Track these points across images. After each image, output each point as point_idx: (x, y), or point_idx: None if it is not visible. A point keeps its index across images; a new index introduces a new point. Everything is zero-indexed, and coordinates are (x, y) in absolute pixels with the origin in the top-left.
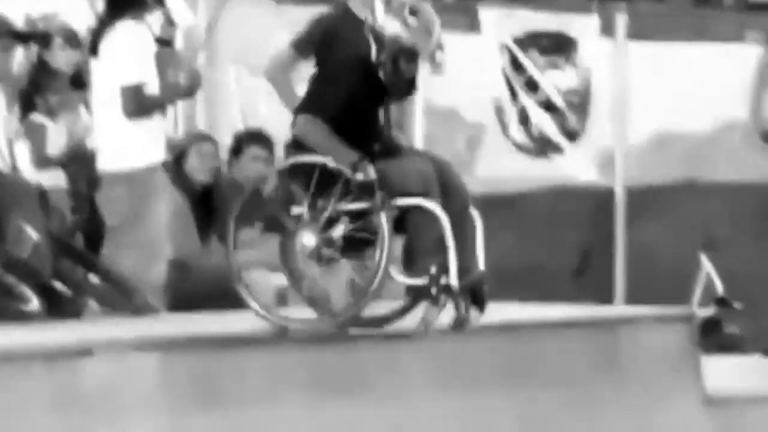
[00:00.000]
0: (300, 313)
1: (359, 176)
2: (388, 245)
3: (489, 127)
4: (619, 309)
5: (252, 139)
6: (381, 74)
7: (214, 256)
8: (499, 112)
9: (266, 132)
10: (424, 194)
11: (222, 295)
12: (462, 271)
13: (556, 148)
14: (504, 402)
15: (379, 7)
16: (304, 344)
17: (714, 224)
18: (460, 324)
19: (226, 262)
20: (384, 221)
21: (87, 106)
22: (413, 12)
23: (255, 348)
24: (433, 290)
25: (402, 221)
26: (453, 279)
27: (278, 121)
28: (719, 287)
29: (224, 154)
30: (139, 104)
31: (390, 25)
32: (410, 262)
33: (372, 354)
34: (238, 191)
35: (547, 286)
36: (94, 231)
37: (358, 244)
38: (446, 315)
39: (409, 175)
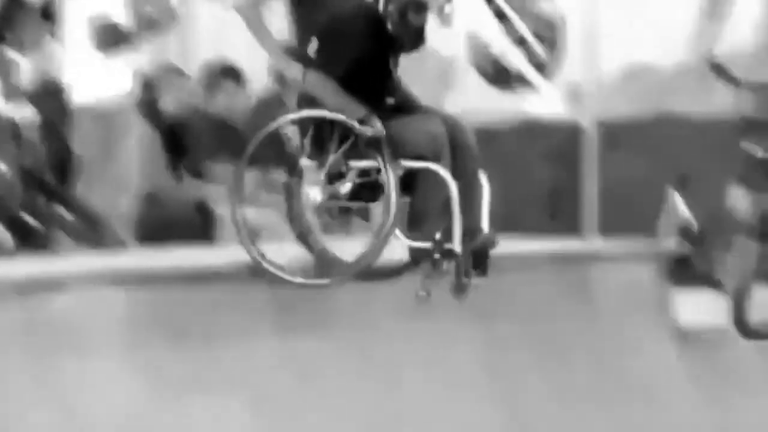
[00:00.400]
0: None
1: (367, 131)
2: (395, 203)
3: (459, 61)
4: (589, 244)
5: (224, 73)
6: (389, 26)
7: (184, 190)
8: (470, 46)
9: (238, 66)
10: (434, 156)
11: (191, 229)
12: (467, 234)
13: (526, 82)
14: (471, 335)
15: None
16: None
17: (685, 158)
18: (459, 289)
19: (231, 213)
20: (391, 178)
21: (58, 39)
22: None
23: (224, 282)
24: (436, 255)
25: (410, 182)
26: (456, 245)
27: (250, 55)
28: (691, 222)
29: (196, 88)
30: (111, 38)
31: None
32: (415, 225)
33: (342, 289)
34: (208, 124)
35: (517, 221)
36: (64, 164)
37: (365, 200)
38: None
39: (421, 136)
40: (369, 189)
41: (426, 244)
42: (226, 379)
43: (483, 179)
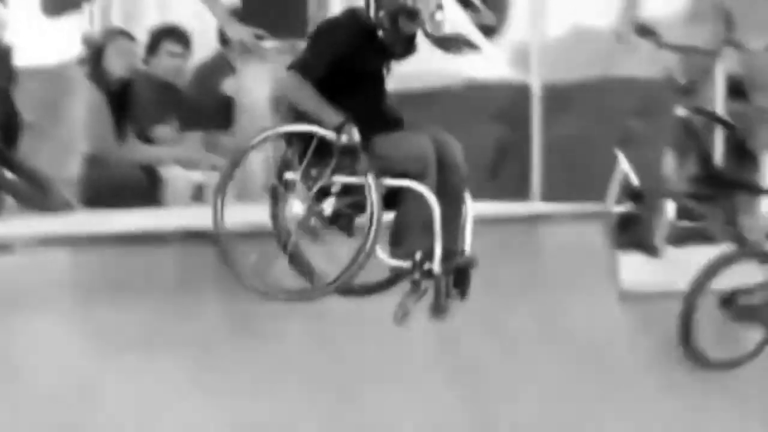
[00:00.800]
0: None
1: (343, 138)
2: (377, 220)
3: None
4: (535, 206)
5: (168, 34)
6: (380, 33)
7: (130, 153)
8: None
9: (182, 28)
10: (419, 174)
11: (137, 191)
12: (448, 255)
13: (472, 44)
14: None
15: None
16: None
17: (632, 120)
18: (438, 310)
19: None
20: (374, 194)
21: (3, 2)
22: None
23: (169, 244)
24: (416, 275)
25: (394, 197)
26: (436, 266)
27: (194, 17)
28: (635, 183)
29: (142, 51)
30: (58, 1)
31: None
32: (397, 242)
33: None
34: (153, 87)
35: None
36: (10, 127)
37: (348, 217)
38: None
39: (407, 153)
40: (354, 203)
41: (406, 264)
42: (171, 339)
43: (468, 199)
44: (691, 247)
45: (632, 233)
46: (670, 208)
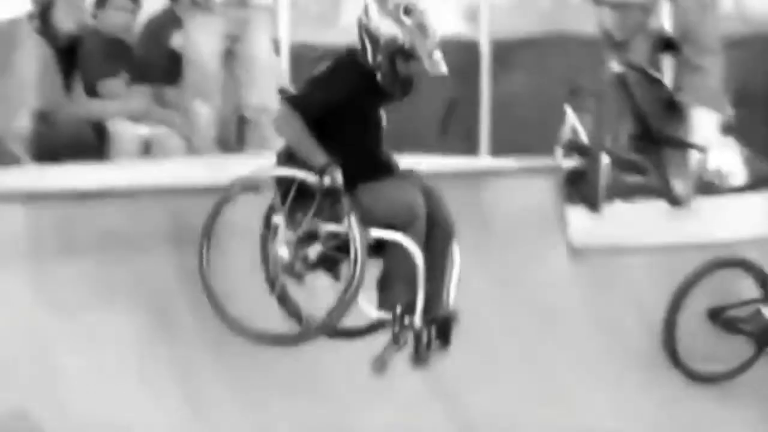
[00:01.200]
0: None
1: (326, 180)
2: (361, 269)
3: None
4: (485, 161)
5: None
6: (378, 76)
7: (77, 107)
8: None
9: None
10: (407, 226)
11: (85, 146)
12: (431, 307)
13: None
14: None
15: (374, 7)
16: (164, 196)
17: (579, 76)
18: (419, 361)
19: (202, 280)
20: (358, 242)
21: None
22: (408, 11)
23: (117, 198)
24: (396, 329)
25: (381, 246)
26: (417, 320)
27: None
28: (584, 139)
29: (89, 5)
30: None
31: (385, 25)
32: (382, 291)
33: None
34: (102, 42)
35: (413, 138)
36: None
37: (333, 261)
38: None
39: (395, 205)
40: (339, 246)
41: (387, 316)
42: (122, 294)
43: (456, 252)
44: (637, 203)
45: (579, 188)
46: (607, 163)
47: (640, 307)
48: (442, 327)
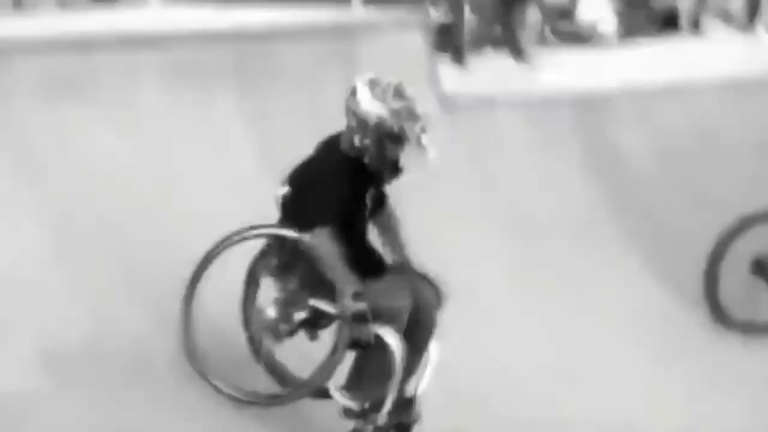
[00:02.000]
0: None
1: (358, 306)
2: (340, 355)
3: None
4: (357, 13)
5: None
6: (366, 160)
7: None
8: None
9: None
10: (392, 322)
11: None
12: (397, 404)
13: None
14: (236, 105)
15: (363, 89)
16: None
17: None
18: None
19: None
20: (345, 336)
21: None
22: (397, 95)
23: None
24: (358, 424)
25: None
26: (381, 419)
27: None
28: None
29: None
30: None
31: (375, 109)
32: (353, 380)
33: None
34: None
35: None
36: None
37: (317, 325)
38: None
39: (387, 305)
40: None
41: (355, 406)
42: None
43: (434, 349)
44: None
45: (448, 40)
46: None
47: (508, 156)
48: (404, 428)
